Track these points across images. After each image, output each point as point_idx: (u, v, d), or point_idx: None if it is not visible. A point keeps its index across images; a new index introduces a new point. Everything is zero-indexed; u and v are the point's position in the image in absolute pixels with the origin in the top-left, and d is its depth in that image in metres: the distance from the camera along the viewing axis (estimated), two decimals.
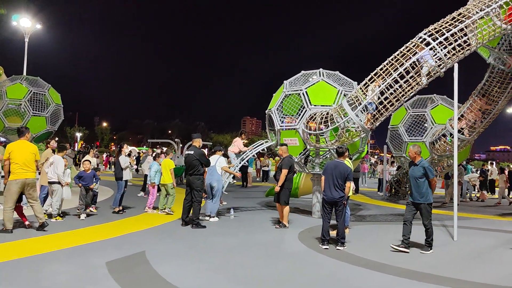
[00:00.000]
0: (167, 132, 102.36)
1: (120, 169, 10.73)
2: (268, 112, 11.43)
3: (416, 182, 7.31)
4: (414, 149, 7.51)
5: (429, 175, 7.20)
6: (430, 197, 7.28)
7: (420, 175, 7.26)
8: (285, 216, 9.35)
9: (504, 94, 11.06)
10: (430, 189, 7.29)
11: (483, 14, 8.69)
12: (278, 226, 9.27)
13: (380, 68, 9.04)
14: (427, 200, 7.25)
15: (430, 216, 7.32)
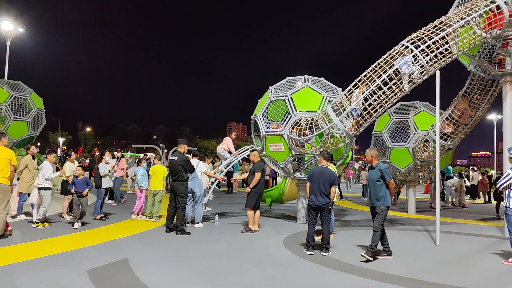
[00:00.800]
0: (152, 138, 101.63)
1: (99, 177, 10.60)
2: (253, 117, 11.44)
3: (374, 185, 7.19)
4: (370, 152, 7.41)
5: (386, 177, 7.10)
6: (388, 200, 7.15)
7: (377, 178, 7.15)
8: (256, 221, 9.40)
9: (484, 101, 11.30)
10: (388, 193, 7.17)
11: (463, 22, 8.88)
12: (245, 230, 9.31)
13: (364, 75, 9.14)
14: (384, 203, 7.12)
15: (382, 220, 7.13)
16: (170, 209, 9.12)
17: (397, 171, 13.96)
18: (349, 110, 9.08)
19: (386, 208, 7.16)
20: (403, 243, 8.86)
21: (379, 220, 7.10)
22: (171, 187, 9.23)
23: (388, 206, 7.19)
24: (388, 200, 7.16)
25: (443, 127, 11.84)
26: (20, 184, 9.78)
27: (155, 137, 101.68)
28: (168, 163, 9.51)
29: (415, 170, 13.77)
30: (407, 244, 8.74)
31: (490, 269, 6.76)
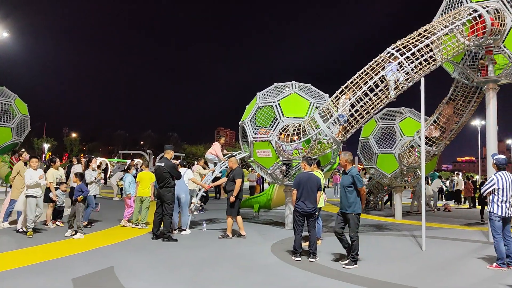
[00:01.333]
0: (139, 143, 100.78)
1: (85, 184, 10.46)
2: (241, 123, 11.44)
3: (345, 191, 7.03)
4: (345, 157, 7.28)
5: (357, 184, 6.93)
6: (358, 207, 6.98)
7: (348, 183, 7.00)
8: (240, 227, 9.45)
9: (468, 108, 11.49)
10: (359, 199, 7.01)
11: (447, 31, 9.04)
12: (221, 236, 9.33)
13: (351, 81, 9.22)
14: (355, 210, 6.95)
15: (357, 228, 6.97)
16: (157, 216, 9.04)
17: (384, 176, 14.08)
18: (336, 116, 9.15)
19: (356, 215, 6.99)
20: (390, 248, 8.93)
21: (353, 229, 6.93)
22: (157, 193, 9.15)
23: (359, 213, 7.01)
24: (358, 207, 6.99)
25: (431, 131, 11.99)
26: (13, 191, 9.61)
27: (142, 143, 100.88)
28: (154, 169, 9.42)
29: (401, 175, 13.90)
30: (394, 249, 8.80)
31: (475, 274, 6.84)
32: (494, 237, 7.21)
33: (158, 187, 9.14)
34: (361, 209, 7.05)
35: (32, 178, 8.70)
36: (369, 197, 17.66)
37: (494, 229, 7.17)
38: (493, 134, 10.26)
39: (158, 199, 9.11)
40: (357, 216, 7.00)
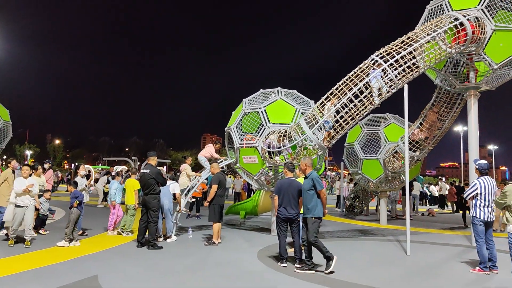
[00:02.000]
0: (124, 150, 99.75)
1: None
2: (227, 130, 11.44)
3: (306, 195, 6.99)
4: (304, 161, 7.29)
5: (317, 186, 6.86)
6: (318, 211, 6.88)
7: (309, 187, 6.94)
8: (214, 233, 9.40)
9: (451, 114, 11.70)
10: (320, 203, 6.92)
11: (429, 38, 9.21)
12: (207, 243, 9.26)
13: (335, 88, 9.32)
14: (315, 214, 6.86)
15: (315, 232, 6.85)
16: (142, 223, 8.94)
17: (369, 182, 14.20)
18: (322, 122, 9.22)
19: (316, 219, 6.89)
20: (375, 253, 8.99)
21: (312, 233, 6.83)
22: (142, 201, 9.05)
23: (319, 217, 6.91)
24: (319, 211, 6.89)
25: (417, 133, 12.16)
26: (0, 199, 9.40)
27: (128, 149, 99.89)
28: (139, 176, 9.32)
29: (386, 181, 14.04)
30: (379, 254, 8.86)
31: (459, 277, 6.93)
32: (476, 241, 7.32)
33: (143, 194, 9.04)
34: (322, 212, 6.95)
35: (16, 188, 8.52)
36: (354, 202, 17.79)
37: (477, 233, 7.28)
38: (474, 139, 10.45)
39: (143, 207, 9.00)
40: (317, 219, 6.91)
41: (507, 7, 9.89)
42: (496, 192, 7.36)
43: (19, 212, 8.52)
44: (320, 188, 6.89)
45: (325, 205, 7.03)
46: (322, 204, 6.97)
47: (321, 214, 6.94)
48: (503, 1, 9.92)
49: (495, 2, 9.88)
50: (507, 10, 9.89)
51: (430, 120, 11.84)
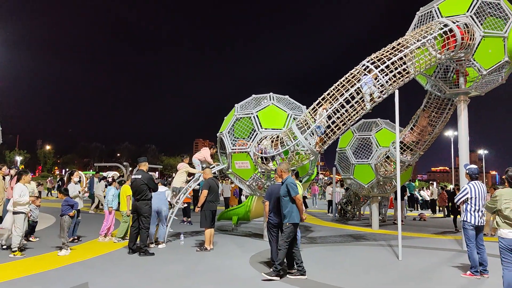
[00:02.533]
0: (116, 155, 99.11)
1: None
2: (219, 135, 11.42)
3: (282, 200, 6.98)
4: (280, 167, 7.27)
5: (291, 192, 6.83)
6: (294, 217, 6.83)
7: (284, 193, 6.92)
8: (206, 239, 9.36)
9: (441, 119, 11.80)
10: (295, 208, 6.87)
11: (419, 44, 9.31)
12: (199, 249, 9.22)
13: (327, 93, 9.36)
14: (290, 220, 6.83)
15: (288, 238, 6.81)
16: (134, 230, 8.86)
17: (361, 187, 14.25)
18: (313, 127, 9.24)
19: (291, 225, 6.84)
20: (367, 258, 9.00)
21: (283, 238, 6.82)
22: (134, 207, 8.96)
23: (294, 223, 6.85)
24: (294, 216, 6.83)
25: (408, 136, 12.24)
26: None
27: (119, 155, 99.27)
28: (131, 182, 9.26)
29: (378, 185, 14.10)
30: (371, 259, 8.87)
31: (450, 282, 6.96)
32: (467, 245, 7.36)
33: (134, 200, 8.97)
34: (298, 218, 6.89)
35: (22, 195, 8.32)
36: (346, 207, 17.82)
37: (468, 237, 7.32)
38: (465, 144, 10.55)
39: (134, 213, 8.92)
40: (292, 225, 6.85)
41: (495, 13, 10.05)
42: (486, 196, 7.43)
43: (19, 219, 8.32)
44: (294, 193, 6.83)
45: (301, 211, 6.94)
46: (298, 209, 6.88)
47: (296, 220, 6.87)
48: (492, 8, 10.08)
49: (484, 9, 10.03)
50: (496, 17, 10.05)
51: (421, 125, 11.94)
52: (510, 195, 5.32)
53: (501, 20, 10.01)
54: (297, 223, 6.92)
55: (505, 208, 5.26)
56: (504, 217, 5.26)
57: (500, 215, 5.33)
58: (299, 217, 6.92)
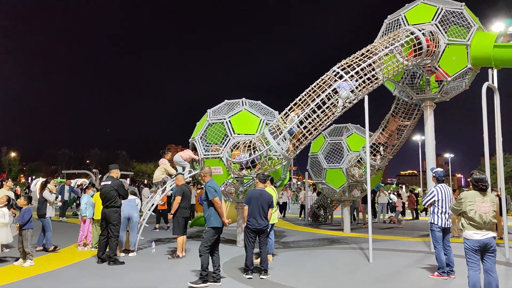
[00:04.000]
0: (85, 162, 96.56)
1: (45, 205, 9.92)
2: (191, 140, 11.34)
3: (203, 204, 6.98)
4: (202, 171, 7.24)
5: (208, 195, 6.80)
6: (212, 221, 6.77)
7: (205, 197, 6.93)
8: (178, 246, 9.28)
9: (409, 124, 12.14)
10: (214, 212, 6.78)
11: (387, 51, 9.56)
12: (171, 257, 9.13)
13: (299, 99, 9.47)
14: (209, 224, 6.78)
15: (207, 242, 6.73)
16: (103, 238, 8.61)
17: (333, 191, 14.43)
18: (286, 132, 9.31)
19: (210, 229, 6.78)
20: (338, 262, 9.11)
21: (203, 243, 6.78)
22: (102, 214, 8.66)
23: (214, 227, 6.76)
24: (213, 220, 6.76)
25: (379, 138, 12.51)
26: None
27: (89, 162, 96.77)
28: (100, 188, 9.01)
29: (349, 189, 14.32)
30: (342, 262, 8.99)
31: (418, 283, 7.13)
32: (435, 247, 7.56)
33: (103, 207, 8.68)
34: (218, 222, 6.79)
35: None
36: (319, 211, 18.00)
37: (435, 239, 7.52)
38: (431, 148, 10.88)
39: (103, 220, 8.67)
40: (211, 230, 6.79)
41: (459, 22, 10.47)
42: (452, 199, 7.67)
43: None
44: (212, 197, 6.76)
45: (221, 214, 6.80)
46: (218, 213, 6.78)
47: (216, 224, 6.77)
48: (455, 17, 10.48)
49: (448, 18, 10.43)
50: (459, 25, 10.46)
51: (390, 129, 12.24)
52: (474, 197, 5.47)
53: (464, 28, 10.43)
54: (217, 227, 6.80)
55: (469, 210, 5.41)
56: (469, 219, 5.42)
57: (465, 217, 5.49)
58: (218, 221, 6.79)
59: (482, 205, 5.39)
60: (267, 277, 7.22)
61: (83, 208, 10.27)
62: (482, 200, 5.42)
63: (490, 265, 5.41)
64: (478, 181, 5.53)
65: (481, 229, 5.36)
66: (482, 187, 5.49)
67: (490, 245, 5.36)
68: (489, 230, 5.39)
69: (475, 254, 5.41)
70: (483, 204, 5.40)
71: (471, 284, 5.41)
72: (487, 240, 5.35)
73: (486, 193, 5.52)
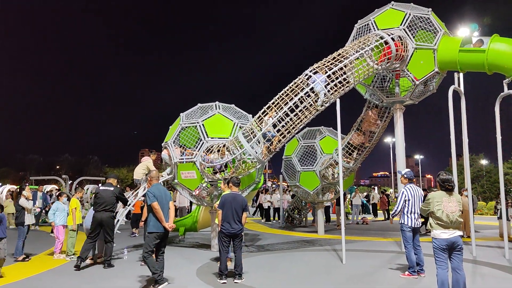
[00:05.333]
0: (55, 168, 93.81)
1: (23, 213, 9.64)
2: (164, 145, 11.19)
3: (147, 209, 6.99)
4: (149, 175, 7.18)
5: (147, 200, 6.84)
6: (151, 226, 6.72)
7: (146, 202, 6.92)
8: None
9: (379, 126, 12.39)
10: (153, 217, 6.71)
11: (358, 55, 9.75)
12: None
13: (272, 102, 9.52)
14: (149, 229, 6.75)
15: (147, 248, 6.69)
16: (90, 241, 8.66)
17: (307, 193, 14.54)
18: (260, 135, 9.33)
19: (149, 234, 6.73)
20: (312, 263, 9.18)
21: (144, 248, 6.78)
22: (97, 219, 8.67)
23: (152, 232, 6.69)
24: (151, 226, 6.71)
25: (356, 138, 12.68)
26: None
27: (59, 167, 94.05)
28: (99, 193, 8.99)
29: (323, 192, 14.47)
30: (316, 264, 9.06)
31: (390, 283, 7.26)
32: (405, 247, 7.73)
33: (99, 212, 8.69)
34: (157, 227, 6.70)
35: None
36: (294, 214, 18.11)
37: (406, 239, 7.69)
38: (401, 150, 11.14)
39: (98, 225, 8.65)
40: (150, 234, 6.72)
41: (426, 27, 10.78)
42: (422, 199, 7.85)
43: None
44: (149, 202, 6.73)
45: (161, 220, 6.68)
46: (157, 218, 6.67)
47: (154, 229, 6.69)
48: (422, 22, 10.79)
49: (416, 23, 10.73)
50: (426, 30, 10.77)
51: (363, 130, 12.46)
52: (441, 197, 5.61)
53: (431, 33, 10.75)
54: (156, 232, 6.70)
55: (437, 210, 5.54)
56: (436, 219, 5.55)
57: (433, 217, 5.63)
58: (157, 227, 6.70)
59: (448, 205, 5.52)
60: (241, 281, 7.19)
61: (50, 215, 10.00)
62: (449, 200, 5.56)
63: (457, 263, 5.55)
64: (444, 181, 5.66)
65: (448, 228, 5.49)
66: (448, 187, 5.63)
67: (457, 243, 5.50)
68: (456, 229, 5.53)
69: (443, 252, 5.54)
70: (450, 204, 5.53)
71: (439, 282, 5.55)
72: (454, 239, 5.48)
73: (453, 193, 5.66)
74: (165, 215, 6.81)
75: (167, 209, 6.93)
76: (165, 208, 6.89)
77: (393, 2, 11.27)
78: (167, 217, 6.90)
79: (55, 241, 9.92)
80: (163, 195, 6.94)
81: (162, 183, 11.15)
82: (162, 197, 6.89)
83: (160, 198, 6.84)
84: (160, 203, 6.78)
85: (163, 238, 6.87)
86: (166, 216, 6.85)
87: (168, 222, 6.85)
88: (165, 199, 6.93)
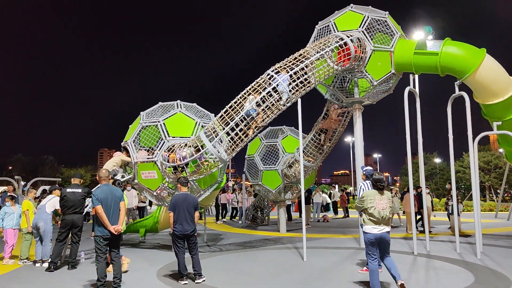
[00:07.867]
0: (7, 168, 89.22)
1: None
2: (124, 144, 10.92)
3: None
4: (99, 173, 7.13)
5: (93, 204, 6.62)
6: (96, 229, 6.58)
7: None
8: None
9: (340, 125, 12.68)
10: (98, 220, 6.55)
11: (319, 56, 9.92)
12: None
13: (234, 101, 9.51)
14: (95, 233, 6.61)
15: (97, 252, 6.55)
16: (60, 245, 8.63)
17: (269, 192, 14.63)
18: (223, 133, 9.30)
19: (95, 237, 6.60)
20: (273, 261, 9.25)
21: (95, 252, 6.64)
22: (69, 221, 8.62)
23: (98, 235, 6.55)
24: (96, 229, 6.58)
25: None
26: None
27: (11, 168, 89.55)
28: (67, 195, 8.68)
29: (285, 190, 14.61)
30: (277, 262, 9.14)
31: (349, 278, 7.44)
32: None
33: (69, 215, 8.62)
34: (100, 231, 6.53)
35: None
36: (256, 213, 18.17)
37: None
38: (360, 149, 11.43)
39: (69, 227, 8.65)
40: (96, 238, 6.58)
41: (383, 30, 11.14)
42: None
43: None
44: (93, 205, 6.60)
45: (105, 224, 6.48)
46: (101, 221, 6.50)
47: (98, 233, 6.54)
48: (380, 25, 11.14)
49: (373, 25, 11.06)
50: (383, 33, 11.13)
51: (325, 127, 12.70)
52: (374, 195, 6.19)
53: (388, 36, 11.11)
54: (101, 236, 6.53)
55: (370, 206, 6.13)
56: (369, 215, 6.14)
57: (366, 213, 6.20)
58: (100, 230, 6.54)
59: (380, 202, 6.14)
60: (203, 280, 7.14)
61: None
62: (381, 198, 6.18)
63: (385, 250, 6.23)
64: (377, 181, 6.30)
65: (379, 223, 6.10)
66: (380, 187, 6.26)
67: (385, 239, 6.14)
68: (385, 225, 6.16)
69: (372, 246, 6.17)
70: (381, 201, 6.15)
71: (370, 272, 6.17)
72: (383, 235, 6.12)
73: (384, 192, 6.26)
74: (114, 217, 6.62)
75: (116, 211, 6.67)
76: (114, 210, 6.64)
77: (352, 5, 11.57)
78: (116, 219, 6.67)
79: (5, 246, 9.44)
80: (109, 197, 6.64)
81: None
82: (107, 199, 6.60)
83: (106, 200, 6.57)
84: (105, 206, 6.53)
85: (112, 240, 6.62)
86: (115, 218, 6.65)
87: (117, 224, 6.62)
88: (113, 200, 6.65)
